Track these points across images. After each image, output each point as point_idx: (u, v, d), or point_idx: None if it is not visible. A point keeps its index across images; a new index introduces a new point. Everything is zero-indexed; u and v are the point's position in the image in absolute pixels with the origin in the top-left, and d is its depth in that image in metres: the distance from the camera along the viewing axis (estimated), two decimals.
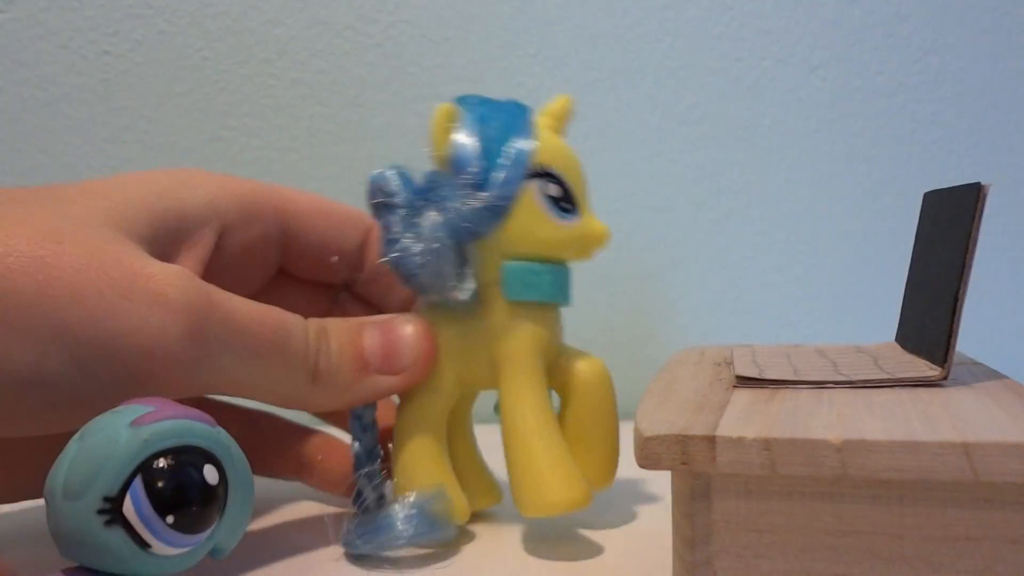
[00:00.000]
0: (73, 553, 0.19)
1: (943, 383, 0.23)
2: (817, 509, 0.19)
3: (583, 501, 0.25)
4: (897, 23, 0.49)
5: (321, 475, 0.31)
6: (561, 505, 0.25)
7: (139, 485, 0.18)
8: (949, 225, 0.24)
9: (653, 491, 0.32)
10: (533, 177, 0.26)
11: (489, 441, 0.30)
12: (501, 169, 0.26)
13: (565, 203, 0.27)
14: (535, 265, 0.27)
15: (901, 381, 0.23)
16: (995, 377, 0.25)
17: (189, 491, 0.19)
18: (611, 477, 0.28)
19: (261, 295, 0.29)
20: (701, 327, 0.50)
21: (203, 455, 0.19)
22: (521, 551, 0.27)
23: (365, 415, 0.28)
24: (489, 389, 0.28)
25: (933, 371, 0.23)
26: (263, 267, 0.30)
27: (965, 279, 0.23)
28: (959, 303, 0.23)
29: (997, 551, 0.18)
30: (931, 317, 0.25)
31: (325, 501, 0.32)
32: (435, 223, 0.26)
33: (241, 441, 0.32)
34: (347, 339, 0.26)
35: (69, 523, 0.18)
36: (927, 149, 0.50)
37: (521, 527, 0.29)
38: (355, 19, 0.48)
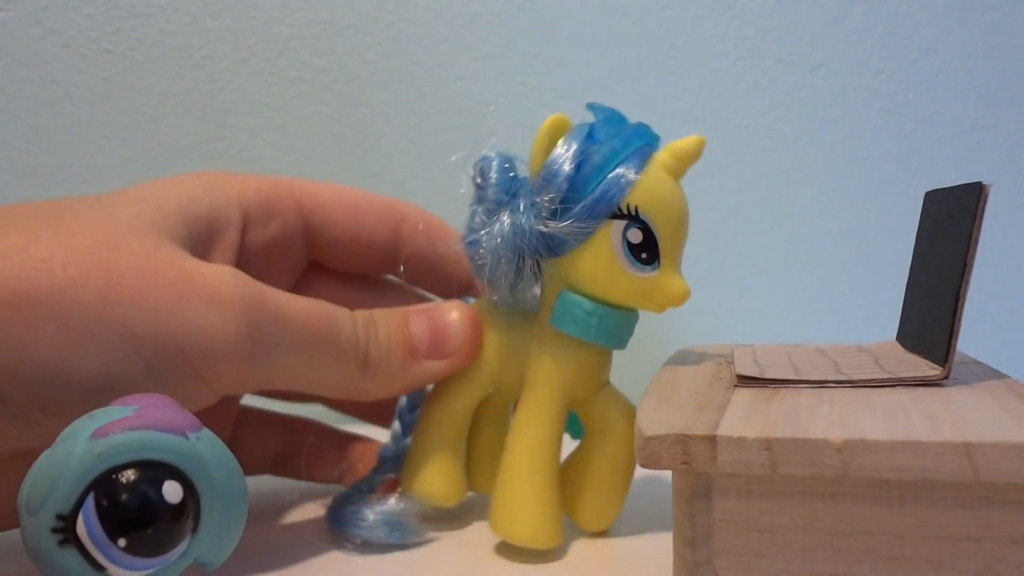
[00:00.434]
0: (39, 569, 0.17)
1: (944, 383, 0.23)
2: (818, 509, 0.19)
3: (545, 542, 0.26)
4: (898, 22, 0.49)
5: (356, 471, 0.31)
6: (522, 538, 0.26)
7: (91, 504, 0.17)
8: (950, 224, 0.24)
9: (653, 491, 0.32)
10: (618, 217, 0.25)
11: None
12: (588, 199, 0.25)
13: (645, 252, 0.25)
14: (588, 303, 0.26)
15: (902, 381, 0.23)
16: (996, 377, 0.25)
17: (144, 512, 0.17)
18: (606, 523, 0.28)
19: (297, 289, 0.30)
20: (701, 327, 0.50)
21: (166, 470, 0.18)
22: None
23: (405, 415, 0.29)
24: (515, 399, 0.28)
25: (934, 371, 0.23)
26: (291, 261, 0.30)
27: (966, 278, 0.23)
28: (960, 302, 0.23)
29: (998, 551, 0.18)
30: (932, 316, 0.25)
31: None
32: (503, 229, 0.25)
33: (283, 448, 0.33)
34: (395, 327, 0.27)
35: (29, 539, 0.17)
36: (928, 148, 0.50)
37: None
38: (356, 18, 0.48)
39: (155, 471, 0.17)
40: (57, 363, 0.21)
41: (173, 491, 0.17)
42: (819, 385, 0.23)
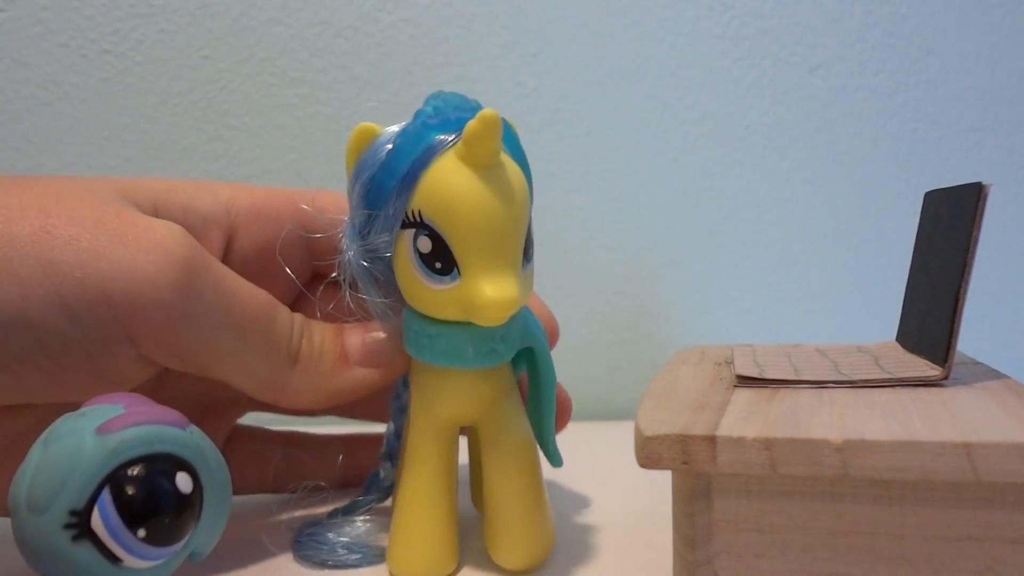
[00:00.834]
0: (40, 567, 0.17)
1: (944, 383, 0.23)
2: (818, 509, 0.19)
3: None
4: (897, 23, 0.49)
5: (366, 468, 0.31)
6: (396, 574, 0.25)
7: (107, 497, 0.17)
8: (950, 225, 0.24)
9: (653, 491, 0.32)
10: (408, 225, 0.22)
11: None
12: (379, 210, 0.23)
13: (438, 261, 0.22)
14: (416, 321, 0.24)
15: (902, 381, 0.23)
16: (996, 377, 0.25)
17: (161, 502, 0.18)
18: (524, 560, 0.25)
19: (301, 300, 0.29)
20: (701, 327, 0.50)
21: (175, 462, 0.18)
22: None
23: (403, 395, 0.27)
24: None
25: (934, 371, 0.23)
26: (292, 269, 0.29)
27: (966, 279, 0.23)
28: (960, 303, 0.23)
29: (998, 551, 0.18)
30: (932, 317, 0.25)
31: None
32: (345, 253, 0.24)
33: (283, 461, 0.32)
34: (329, 334, 0.27)
35: (35, 538, 0.17)
36: (928, 149, 0.50)
37: None
38: (355, 18, 0.48)
39: (167, 463, 0.18)
40: None
41: (185, 481, 0.18)
42: (819, 385, 0.23)
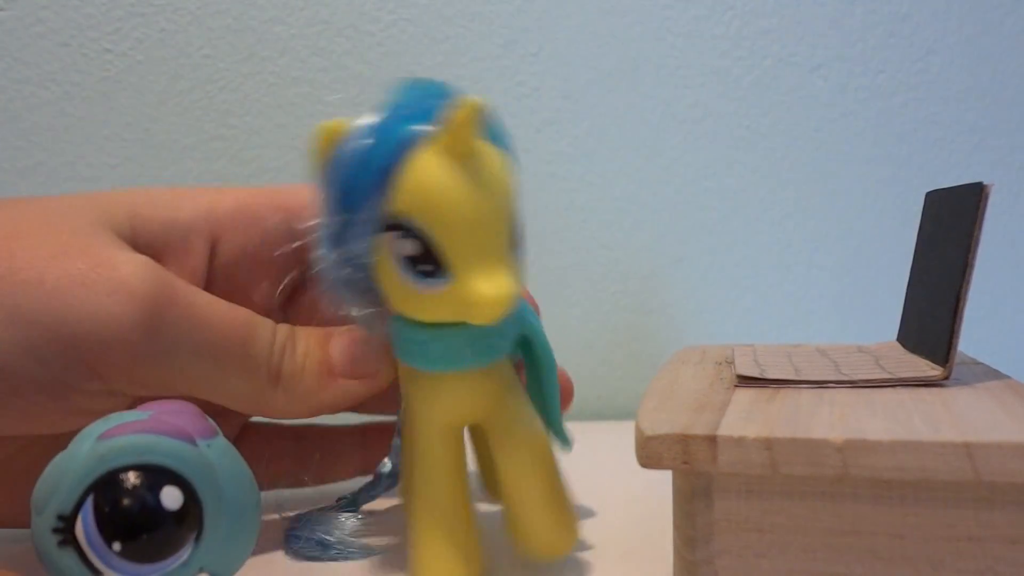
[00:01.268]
0: (45, 569, 0.17)
1: (945, 383, 0.23)
2: (818, 509, 0.19)
3: None
4: (899, 22, 0.49)
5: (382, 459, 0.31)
6: None
7: (90, 506, 0.16)
8: (951, 225, 0.24)
9: (654, 490, 0.32)
10: (390, 228, 0.21)
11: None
12: (356, 215, 0.21)
13: (427, 264, 0.21)
14: (408, 329, 0.22)
15: (903, 381, 0.23)
16: (997, 377, 0.25)
17: (140, 517, 0.17)
18: (559, 547, 0.24)
19: (294, 299, 0.29)
20: (702, 326, 0.50)
21: (167, 475, 0.17)
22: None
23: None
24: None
25: (935, 371, 0.23)
26: (278, 269, 0.29)
27: (967, 279, 0.23)
28: (961, 303, 0.23)
29: (998, 551, 0.18)
30: (933, 317, 0.25)
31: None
32: (324, 263, 0.23)
33: (294, 456, 0.32)
34: (314, 344, 0.26)
35: (35, 537, 0.17)
36: (929, 148, 0.50)
37: None
38: (356, 18, 0.48)
39: (155, 476, 0.17)
40: None
41: (172, 497, 0.17)
42: (819, 385, 0.23)
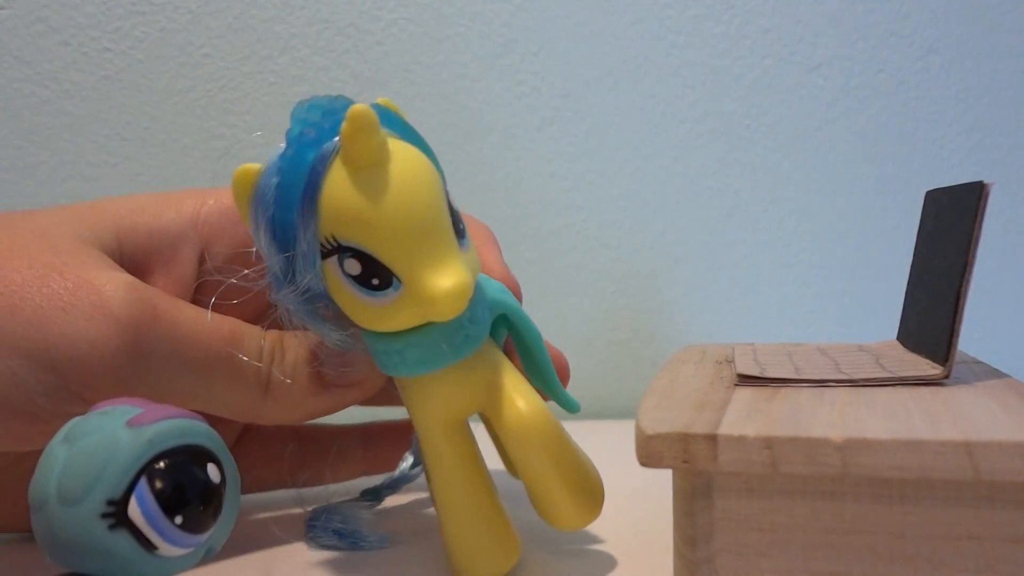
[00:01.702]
0: (70, 560, 0.18)
1: (945, 382, 0.23)
2: (818, 508, 0.19)
3: (505, 566, 0.24)
4: (898, 21, 0.49)
5: (387, 459, 0.31)
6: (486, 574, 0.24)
7: (145, 486, 0.18)
8: (951, 223, 0.24)
9: (654, 489, 0.32)
10: (328, 255, 0.21)
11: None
12: (297, 252, 0.21)
13: (374, 278, 0.21)
14: (380, 342, 0.23)
15: (903, 380, 0.23)
16: (997, 376, 0.25)
17: (195, 490, 0.18)
18: (577, 518, 0.25)
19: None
20: (702, 326, 0.50)
21: (205, 454, 0.19)
22: (522, 549, 0.27)
23: None
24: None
25: (935, 370, 0.23)
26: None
27: (967, 278, 0.23)
28: (961, 302, 0.23)
29: (998, 550, 0.18)
30: (933, 316, 0.25)
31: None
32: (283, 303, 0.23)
33: (294, 456, 0.32)
34: (304, 352, 0.26)
35: (66, 529, 0.18)
36: (929, 147, 0.50)
37: (522, 526, 0.29)
38: (357, 16, 0.48)
39: (199, 454, 0.19)
40: None
41: (215, 472, 0.19)
42: (820, 384, 0.23)
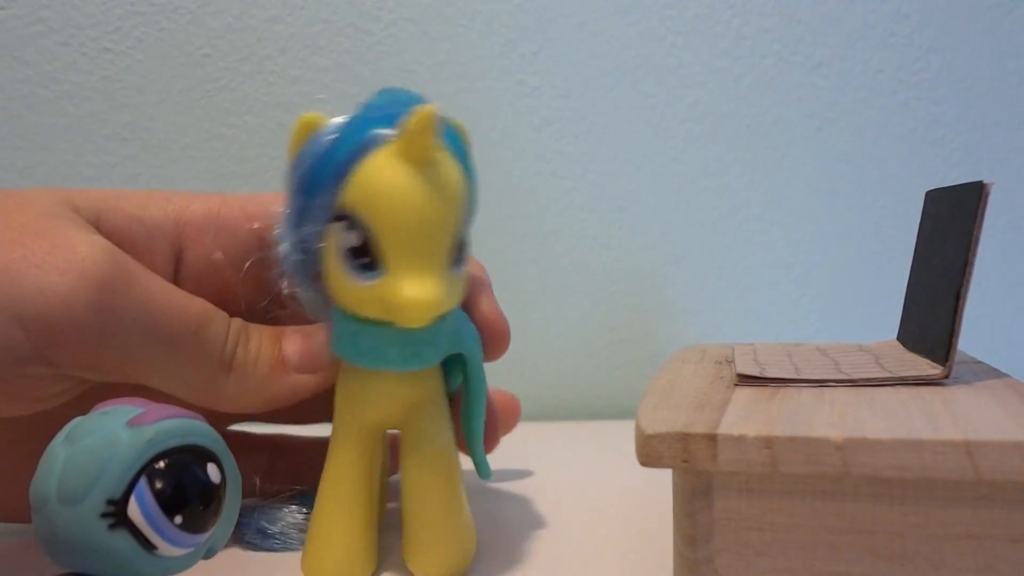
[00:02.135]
0: (70, 560, 0.18)
1: (945, 382, 0.23)
2: (818, 507, 0.19)
3: None
4: (898, 21, 0.49)
5: None
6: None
7: (144, 486, 0.18)
8: (951, 224, 0.24)
9: (654, 489, 0.32)
10: (338, 219, 0.22)
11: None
12: (310, 201, 0.22)
13: (366, 256, 0.21)
14: (342, 319, 0.23)
15: (903, 380, 0.23)
16: (996, 376, 0.25)
17: (195, 490, 0.18)
18: (437, 570, 0.24)
19: (273, 306, 0.29)
20: (702, 325, 0.50)
21: (205, 454, 0.19)
22: (522, 549, 0.27)
23: None
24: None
25: (935, 370, 0.23)
26: (253, 285, 0.29)
27: (967, 278, 0.23)
28: (961, 302, 0.23)
29: (998, 549, 0.18)
30: (933, 316, 0.25)
31: None
32: (281, 248, 0.24)
33: (271, 467, 0.32)
34: (267, 339, 0.26)
35: (67, 529, 0.18)
36: (929, 147, 0.50)
37: (522, 526, 0.29)
38: (356, 16, 0.48)
39: (199, 453, 0.19)
40: None
41: (215, 472, 0.19)
42: (820, 384, 0.23)
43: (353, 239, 0.22)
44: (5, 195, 0.25)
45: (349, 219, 0.22)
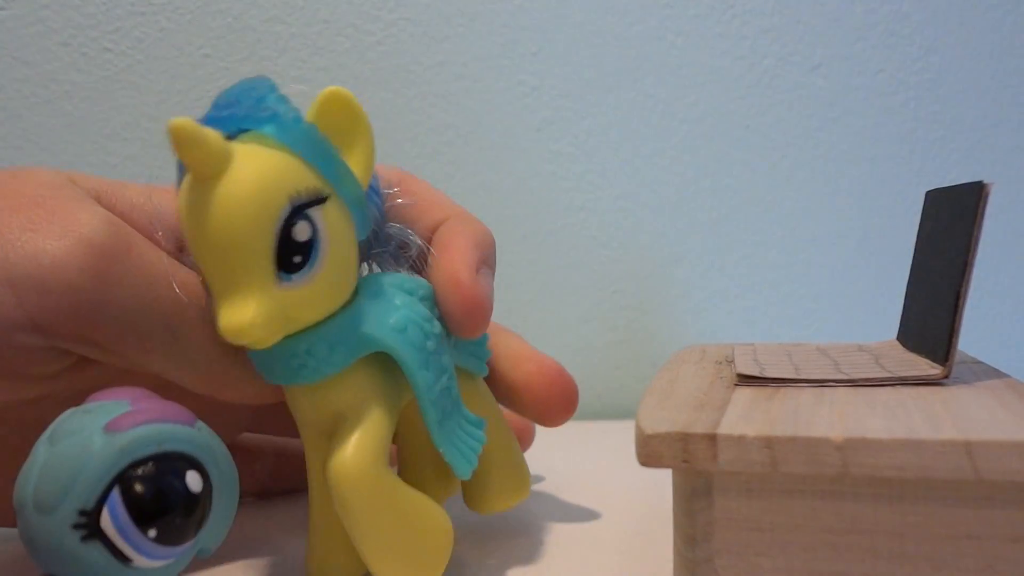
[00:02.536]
0: (48, 565, 0.17)
1: (944, 382, 0.23)
2: (818, 507, 0.19)
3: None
4: (898, 21, 0.49)
5: None
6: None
7: (117, 497, 0.17)
8: (951, 224, 0.24)
9: (654, 489, 0.32)
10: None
11: None
12: None
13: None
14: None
15: (903, 380, 0.23)
16: (996, 376, 0.25)
17: (172, 502, 0.17)
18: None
19: None
20: (702, 326, 0.50)
21: (185, 461, 0.18)
22: (522, 548, 0.27)
23: None
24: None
25: (935, 369, 0.23)
26: None
27: (967, 278, 0.23)
28: (961, 302, 0.23)
29: (998, 550, 0.18)
30: (933, 315, 0.25)
31: None
32: None
33: (277, 469, 0.32)
34: None
35: (42, 537, 0.17)
36: (929, 148, 0.50)
37: (522, 525, 0.29)
38: (356, 17, 0.48)
39: (177, 462, 0.18)
40: None
41: (194, 480, 0.18)
42: (820, 384, 0.23)
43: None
44: (7, 172, 0.24)
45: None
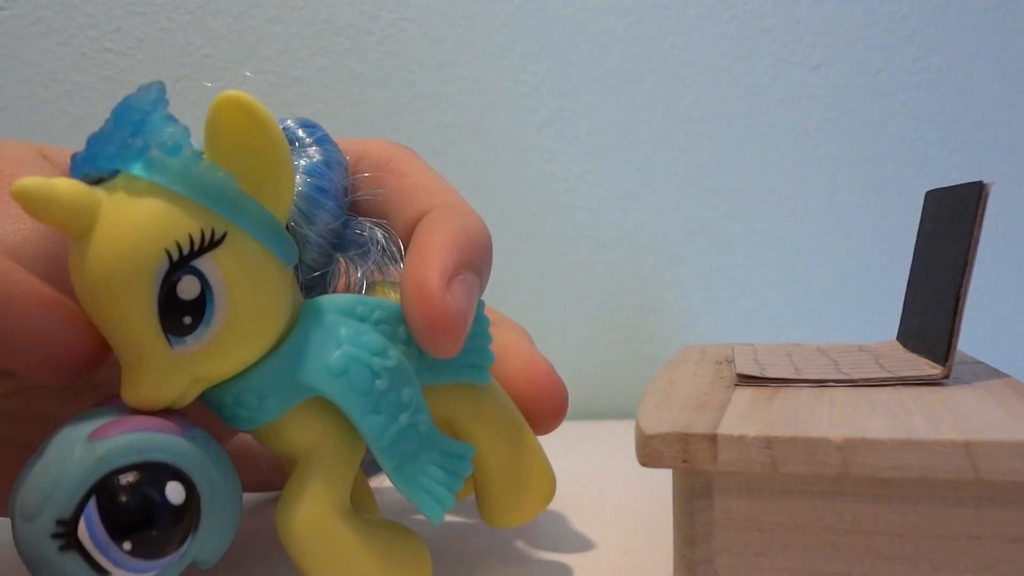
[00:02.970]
0: (35, 572, 0.17)
1: (944, 382, 0.23)
2: (818, 507, 0.19)
3: None
4: (898, 21, 0.49)
5: None
6: None
7: (93, 508, 0.16)
8: (951, 224, 0.24)
9: (654, 489, 0.32)
10: None
11: None
12: None
13: None
14: None
15: (903, 380, 0.23)
16: (996, 376, 0.25)
17: (148, 514, 0.17)
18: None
19: None
20: (702, 326, 0.50)
21: (167, 471, 0.17)
22: (522, 548, 0.27)
23: None
24: None
25: (935, 370, 0.23)
26: None
27: (967, 278, 0.23)
28: (961, 302, 0.23)
29: (998, 550, 0.18)
30: (933, 316, 0.25)
31: None
32: None
33: (277, 465, 0.31)
34: None
35: (26, 545, 0.17)
36: (929, 148, 0.50)
37: (521, 525, 0.29)
38: (356, 17, 0.48)
39: (157, 472, 0.17)
40: None
41: (176, 492, 0.17)
42: (820, 384, 0.23)
43: None
44: None
45: None
